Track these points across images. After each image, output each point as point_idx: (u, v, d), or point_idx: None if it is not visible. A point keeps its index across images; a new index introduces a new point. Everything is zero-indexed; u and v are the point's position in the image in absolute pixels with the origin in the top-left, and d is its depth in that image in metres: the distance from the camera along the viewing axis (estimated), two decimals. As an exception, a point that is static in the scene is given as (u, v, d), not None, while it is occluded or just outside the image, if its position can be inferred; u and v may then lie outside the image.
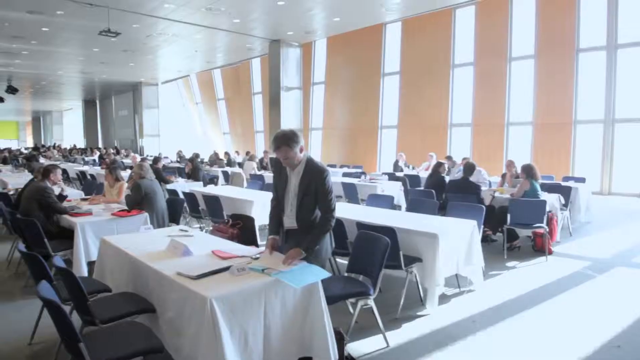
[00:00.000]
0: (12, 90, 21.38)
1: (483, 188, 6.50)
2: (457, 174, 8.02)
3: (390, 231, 3.65)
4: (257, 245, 4.10)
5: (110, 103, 29.05)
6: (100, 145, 30.60)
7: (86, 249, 4.70)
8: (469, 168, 6.06)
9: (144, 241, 3.68)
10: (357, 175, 8.92)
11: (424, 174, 9.47)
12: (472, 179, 6.19)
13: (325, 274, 2.72)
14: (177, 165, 13.59)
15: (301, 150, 2.93)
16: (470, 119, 11.97)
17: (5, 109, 31.98)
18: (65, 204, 5.47)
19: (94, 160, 18.32)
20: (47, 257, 4.37)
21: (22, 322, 3.98)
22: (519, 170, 6.42)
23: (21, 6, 10.60)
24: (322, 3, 11.23)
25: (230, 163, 12.93)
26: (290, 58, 14.93)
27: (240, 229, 4.22)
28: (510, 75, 11.30)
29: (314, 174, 2.92)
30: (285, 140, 2.85)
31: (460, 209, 4.93)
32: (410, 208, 5.36)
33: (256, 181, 8.36)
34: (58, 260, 2.99)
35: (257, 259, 2.96)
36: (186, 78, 22.59)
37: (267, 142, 17.12)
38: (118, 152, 22.65)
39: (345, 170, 11.08)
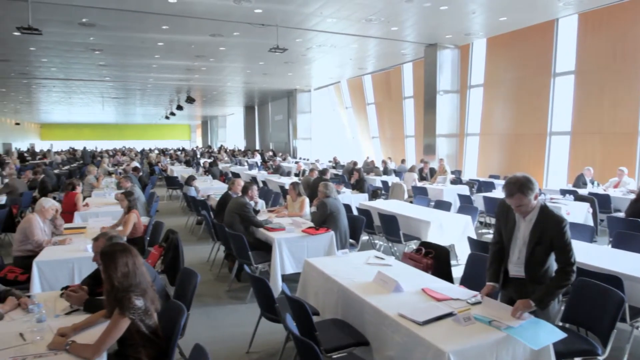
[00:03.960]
0: (190, 100, 24.76)
1: None
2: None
3: (615, 280, 3.24)
4: (451, 280, 4.03)
5: (267, 108, 31.72)
6: (257, 147, 33.61)
7: (281, 263, 5.16)
8: (695, 197, 5.06)
9: (346, 267, 3.87)
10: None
11: (612, 192, 8.31)
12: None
13: (561, 335, 2.51)
14: (334, 171, 14.15)
15: (535, 198, 2.76)
16: (669, 125, 10.14)
17: (182, 114, 37.04)
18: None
19: (256, 162, 20.12)
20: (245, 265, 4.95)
21: (234, 327, 4.51)
22: None
23: (206, 31, 12.13)
24: (487, 4, 10.58)
25: (386, 171, 12.94)
26: (446, 61, 14.44)
27: (433, 258, 4.18)
28: None
29: (550, 224, 2.73)
30: (519, 188, 2.71)
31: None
32: (617, 243, 4.70)
33: (423, 197, 8.17)
34: (285, 288, 3.30)
35: (474, 304, 2.89)
36: (337, 84, 23.45)
37: (418, 147, 16.83)
38: (275, 155, 24.62)
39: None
